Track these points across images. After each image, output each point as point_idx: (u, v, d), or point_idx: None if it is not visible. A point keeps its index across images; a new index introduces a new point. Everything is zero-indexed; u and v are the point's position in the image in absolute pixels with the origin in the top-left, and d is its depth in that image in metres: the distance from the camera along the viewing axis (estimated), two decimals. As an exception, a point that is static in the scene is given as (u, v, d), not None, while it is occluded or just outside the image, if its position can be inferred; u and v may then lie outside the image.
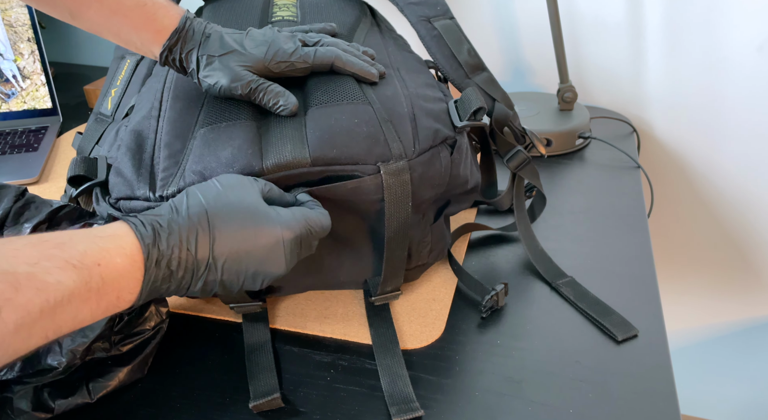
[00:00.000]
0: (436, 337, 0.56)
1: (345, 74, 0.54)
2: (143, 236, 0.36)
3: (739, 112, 0.95)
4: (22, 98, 1.02)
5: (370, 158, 0.49)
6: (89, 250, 0.32)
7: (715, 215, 1.05)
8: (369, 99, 0.52)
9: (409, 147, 0.50)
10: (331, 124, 0.49)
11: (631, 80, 0.99)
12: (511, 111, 0.63)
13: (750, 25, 0.88)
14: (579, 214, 0.74)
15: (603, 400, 0.49)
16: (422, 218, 0.55)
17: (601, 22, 0.96)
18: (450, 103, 0.56)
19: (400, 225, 0.51)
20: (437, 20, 0.63)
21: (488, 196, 0.68)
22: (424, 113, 0.53)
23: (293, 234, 0.43)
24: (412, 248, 0.56)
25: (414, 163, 0.50)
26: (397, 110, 0.52)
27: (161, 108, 0.54)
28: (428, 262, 0.60)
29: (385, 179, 0.49)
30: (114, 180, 0.51)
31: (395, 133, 0.50)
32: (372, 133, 0.49)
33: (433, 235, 0.58)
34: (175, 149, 0.50)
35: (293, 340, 0.56)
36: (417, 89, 0.56)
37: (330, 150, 0.48)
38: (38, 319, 0.29)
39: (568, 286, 0.61)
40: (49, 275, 0.30)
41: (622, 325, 0.56)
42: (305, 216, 0.45)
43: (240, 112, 0.51)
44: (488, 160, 0.65)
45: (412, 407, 0.48)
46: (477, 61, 0.63)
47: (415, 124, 0.51)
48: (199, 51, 0.51)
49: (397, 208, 0.50)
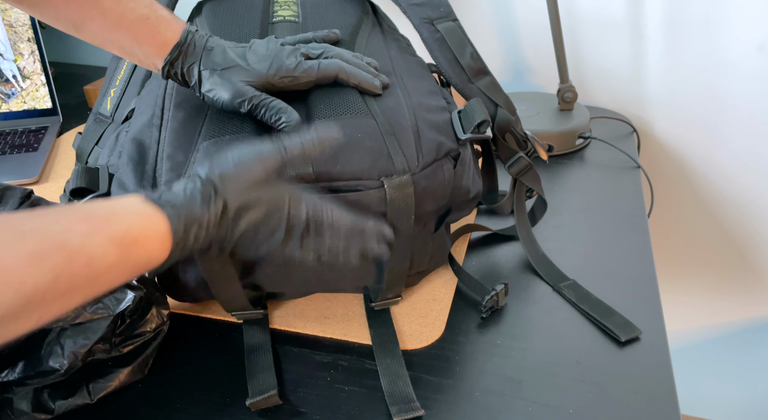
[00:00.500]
0: (436, 338, 0.56)
1: (348, 86, 0.54)
2: (176, 231, 0.39)
3: (740, 111, 0.95)
4: (22, 98, 1.02)
5: (373, 173, 0.49)
6: (130, 230, 0.36)
7: (715, 215, 1.05)
8: (372, 112, 0.52)
9: (413, 161, 0.50)
10: None
11: (631, 80, 0.99)
12: (513, 116, 0.63)
13: (750, 25, 0.88)
14: (579, 214, 0.74)
15: (603, 401, 0.49)
16: (423, 227, 0.55)
17: (602, 22, 0.96)
18: (453, 114, 0.56)
19: (403, 238, 0.51)
20: (440, 22, 0.62)
21: (489, 202, 0.68)
22: (428, 125, 0.53)
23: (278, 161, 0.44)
24: (413, 257, 0.56)
25: (417, 177, 0.50)
26: (400, 122, 0.52)
27: (163, 117, 0.54)
28: (428, 268, 0.61)
29: (389, 193, 0.49)
30: (116, 191, 0.51)
31: (398, 146, 0.50)
32: (375, 148, 0.49)
33: (434, 244, 0.58)
34: (177, 161, 0.50)
35: (293, 341, 0.56)
36: (420, 98, 0.55)
37: (333, 165, 0.48)
38: (83, 287, 0.34)
39: (569, 289, 0.61)
40: (97, 250, 0.34)
41: (624, 325, 0.56)
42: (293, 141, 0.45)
43: (243, 125, 0.51)
44: (490, 165, 0.65)
45: (413, 407, 0.48)
46: (480, 65, 0.62)
47: (418, 136, 0.51)
48: (200, 65, 0.51)
49: (400, 222, 0.50)
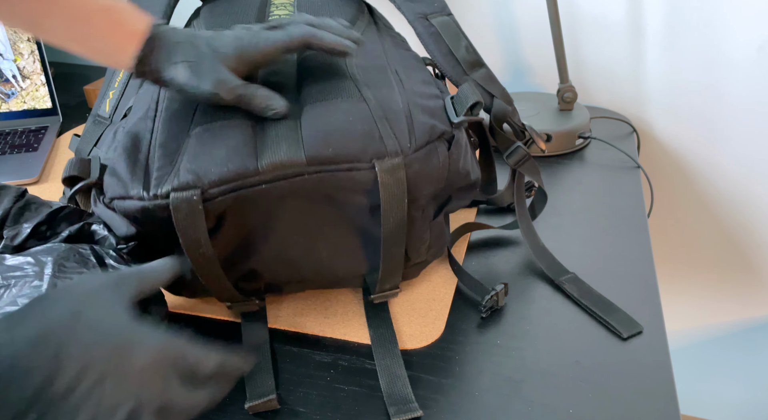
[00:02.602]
0: (436, 337, 0.56)
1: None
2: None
3: (740, 111, 0.95)
4: (22, 98, 1.02)
5: (365, 156, 0.49)
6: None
7: (715, 215, 1.05)
8: (364, 96, 0.52)
9: (405, 143, 0.50)
10: (326, 123, 0.49)
11: (631, 80, 0.99)
12: (510, 107, 0.63)
13: (750, 25, 0.88)
14: (579, 214, 0.74)
15: (603, 400, 0.49)
16: (422, 214, 0.55)
17: (602, 22, 0.96)
18: (446, 99, 0.56)
19: (397, 222, 0.51)
20: (434, 17, 0.63)
21: (488, 192, 0.68)
22: (420, 110, 0.53)
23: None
24: (412, 245, 0.56)
25: (410, 159, 0.50)
26: (392, 107, 0.52)
27: (157, 108, 0.54)
28: (427, 259, 0.60)
29: (381, 176, 0.48)
30: (108, 180, 0.50)
31: (390, 130, 0.50)
32: (367, 131, 0.49)
33: (433, 232, 0.58)
34: (170, 149, 0.49)
35: (293, 340, 0.56)
36: (413, 86, 0.56)
37: (325, 149, 0.48)
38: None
39: (571, 283, 0.61)
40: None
41: (626, 322, 0.56)
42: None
43: (235, 111, 0.51)
44: (487, 156, 0.65)
45: (411, 408, 0.48)
46: (475, 58, 0.62)
47: (411, 120, 0.51)
48: (172, 58, 0.48)
49: (393, 205, 0.50)
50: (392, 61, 0.60)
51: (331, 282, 0.60)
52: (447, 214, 0.62)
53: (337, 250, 0.55)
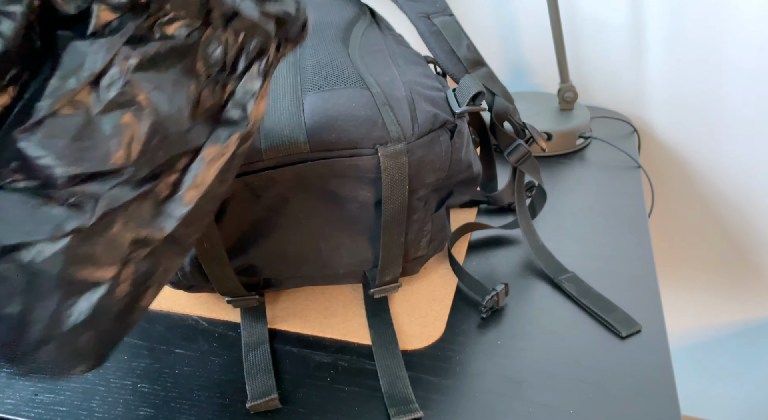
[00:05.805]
0: (436, 338, 0.56)
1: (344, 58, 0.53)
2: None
3: (741, 112, 0.95)
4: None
5: (368, 142, 0.49)
6: None
7: (715, 215, 1.05)
8: (367, 83, 0.52)
9: (408, 130, 0.50)
10: (328, 109, 0.50)
11: (631, 80, 0.99)
12: (511, 105, 0.63)
13: (751, 25, 0.88)
14: (579, 214, 0.74)
15: (603, 401, 0.49)
16: (424, 206, 0.56)
17: (602, 22, 0.96)
18: (448, 91, 0.56)
19: (397, 208, 0.51)
20: (436, 17, 0.63)
21: (488, 190, 0.68)
22: (423, 98, 0.53)
23: None
24: (413, 238, 0.56)
25: (413, 146, 0.50)
26: (395, 95, 0.52)
27: None
28: (427, 253, 0.60)
29: (383, 161, 0.49)
30: None
31: (393, 116, 0.50)
32: (370, 117, 0.49)
33: (434, 225, 0.58)
34: None
35: (293, 340, 0.56)
36: (415, 77, 0.56)
37: (328, 134, 0.49)
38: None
39: (570, 282, 0.61)
40: None
41: (625, 320, 0.56)
42: None
43: None
44: (488, 154, 0.65)
45: (412, 408, 0.48)
46: (476, 57, 0.63)
47: (413, 107, 0.52)
48: None
49: (394, 192, 0.50)
50: (394, 54, 0.60)
51: (332, 278, 0.60)
52: (448, 209, 0.63)
53: (337, 247, 0.55)
